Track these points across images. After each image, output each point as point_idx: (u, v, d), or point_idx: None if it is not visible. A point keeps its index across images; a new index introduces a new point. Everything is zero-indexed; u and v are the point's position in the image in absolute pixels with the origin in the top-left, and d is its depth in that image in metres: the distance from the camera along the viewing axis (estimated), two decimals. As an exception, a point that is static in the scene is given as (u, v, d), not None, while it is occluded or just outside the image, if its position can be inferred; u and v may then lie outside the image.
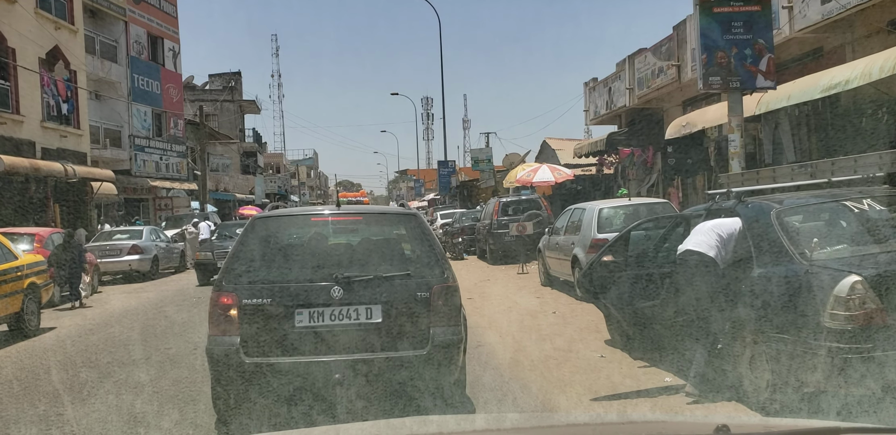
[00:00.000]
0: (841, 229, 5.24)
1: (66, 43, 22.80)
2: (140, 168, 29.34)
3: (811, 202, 5.50)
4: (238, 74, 51.41)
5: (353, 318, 4.86)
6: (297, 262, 5.32)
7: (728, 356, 5.44)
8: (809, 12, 11.76)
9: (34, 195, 20.41)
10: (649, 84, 19.29)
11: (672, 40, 17.75)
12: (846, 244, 5.04)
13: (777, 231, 4.99)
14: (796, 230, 5.10)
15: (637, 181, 21.75)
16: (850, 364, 4.36)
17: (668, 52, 18.01)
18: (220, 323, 4.87)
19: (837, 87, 9.61)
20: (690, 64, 16.64)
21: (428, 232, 5.39)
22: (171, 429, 5.23)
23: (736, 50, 9.36)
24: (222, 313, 4.87)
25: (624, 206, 11.65)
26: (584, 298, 8.32)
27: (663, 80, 18.36)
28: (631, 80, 20.66)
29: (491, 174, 34.81)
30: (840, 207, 5.25)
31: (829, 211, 5.35)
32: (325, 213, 5.90)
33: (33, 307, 10.18)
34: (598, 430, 2.18)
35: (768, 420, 2.79)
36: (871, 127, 10.64)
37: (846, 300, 4.37)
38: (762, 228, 5.16)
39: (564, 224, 12.68)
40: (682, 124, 15.56)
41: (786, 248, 4.87)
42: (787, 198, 5.55)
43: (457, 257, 21.67)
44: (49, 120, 21.81)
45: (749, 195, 5.91)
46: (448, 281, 5.03)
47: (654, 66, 18.90)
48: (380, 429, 2.27)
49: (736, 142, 9.30)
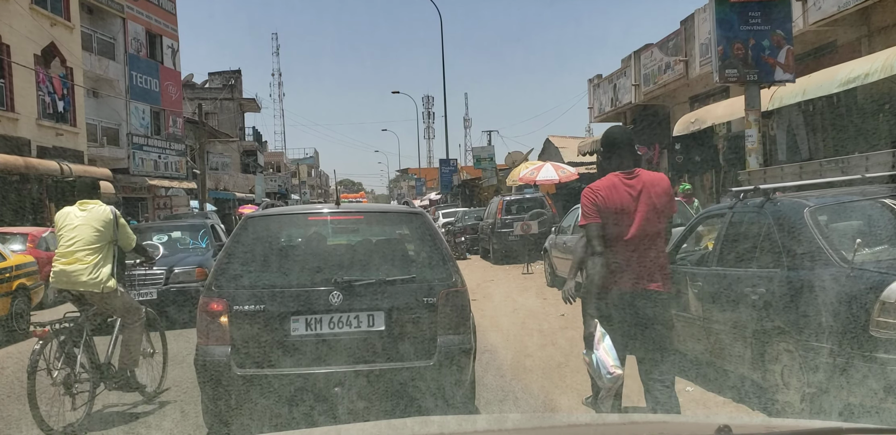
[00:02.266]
0: (880, 229, 4.87)
1: (63, 40, 22.45)
2: (138, 167, 28.98)
3: (846, 200, 5.10)
4: (238, 73, 51.05)
5: (354, 325, 4.50)
6: (294, 264, 4.95)
7: (734, 359, 5.15)
8: (825, 4, 11.40)
9: (30, 194, 20.09)
10: (656, 80, 18.93)
11: (679, 35, 17.39)
12: (887, 245, 4.66)
13: (812, 231, 4.63)
14: (833, 230, 4.75)
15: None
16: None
17: (676, 47, 17.64)
18: (210, 331, 4.49)
19: (857, 81, 9.25)
20: (699, 59, 16.28)
21: (434, 232, 5.01)
22: (172, 429, 5.14)
23: (753, 41, 8.97)
24: (212, 321, 4.48)
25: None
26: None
27: (670, 76, 17.99)
28: (637, 77, 20.29)
29: (493, 173, 34.49)
30: (877, 206, 4.85)
31: (865, 210, 4.95)
32: (323, 212, 5.46)
33: (23, 309, 9.89)
34: (599, 430, 2.12)
35: (770, 420, 2.74)
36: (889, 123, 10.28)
37: (895, 306, 3.98)
38: (794, 227, 4.79)
39: (572, 223, 12.33)
40: (690, 121, 15.21)
41: (823, 249, 4.50)
42: (817, 196, 5.20)
43: (459, 257, 21.37)
44: (45, 118, 21.48)
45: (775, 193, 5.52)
46: (456, 285, 4.66)
47: (661, 61, 18.54)
48: (381, 429, 2.20)
49: (753, 137, 8.92)
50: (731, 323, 5.20)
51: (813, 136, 12.01)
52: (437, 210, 33.49)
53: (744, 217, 5.55)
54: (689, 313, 5.80)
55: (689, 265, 6.07)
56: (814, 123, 12.22)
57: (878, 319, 4.02)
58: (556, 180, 23.54)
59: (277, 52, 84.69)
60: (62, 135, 22.40)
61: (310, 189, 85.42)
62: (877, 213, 4.88)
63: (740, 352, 5.09)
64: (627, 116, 23.26)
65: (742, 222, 5.57)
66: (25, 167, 18.92)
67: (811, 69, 11.27)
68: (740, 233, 5.55)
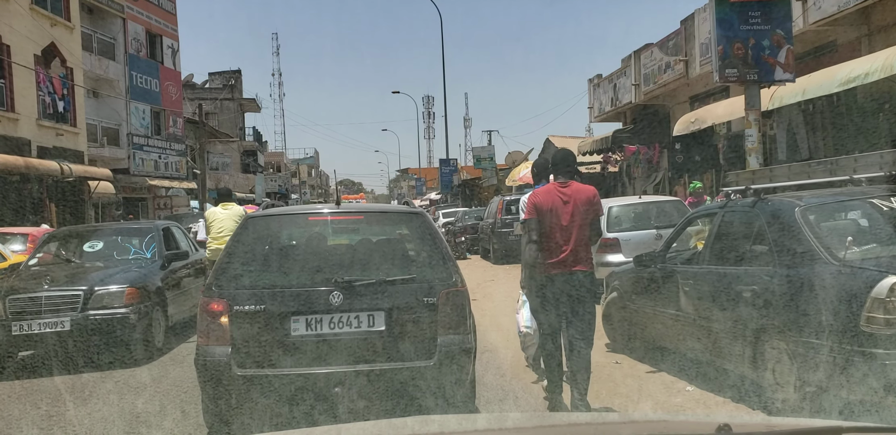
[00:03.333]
0: (869, 228, 5.01)
1: (63, 40, 22.43)
2: (138, 167, 28.98)
3: (835, 200, 5.27)
4: (238, 73, 51.01)
5: (354, 325, 4.51)
6: (294, 264, 4.98)
7: (732, 358, 5.23)
8: (825, 4, 11.39)
9: (30, 195, 20.09)
10: (656, 80, 18.93)
11: (679, 35, 17.39)
12: (876, 244, 4.79)
13: (803, 230, 4.75)
14: (824, 229, 4.87)
15: (642, 179, 21.41)
16: (892, 371, 4.06)
17: (676, 47, 17.64)
18: (210, 331, 4.52)
19: (856, 81, 9.24)
20: (699, 59, 16.28)
21: (434, 231, 5.06)
22: (172, 429, 5.14)
23: (753, 41, 8.96)
24: (212, 321, 4.51)
25: (635, 204, 11.29)
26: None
27: (670, 76, 18.00)
28: (637, 76, 20.29)
29: (493, 172, 34.50)
30: (866, 205, 5.00)
31: (854, 209, 5.12)
32: (323, 212, 5.49)
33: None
34: (599, 429, 2.14)
35: (770, 419, 2.79)
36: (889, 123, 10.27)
37: (885, 302, 4.10)
38: (786, 226, 4.93)
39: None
40: (690, 121, 15.21)
41: (814, 247, 4.63)
42: (808, 196, 5.32)
43: (460, 257, 21.36)
44: (45, 118, 21.46)
45: (767, 193, 5.65)
46: (457, 285, 4.68)
47: (661, 61, 18.54)
48: (381, 429, 2.21)
49: (753, 137, 8.91)
50: (725, 320, 5.28)
51: (813, 135, 12.00)
52: (437, 210, 33.49)
53: (735, 216, 5.65)
54: (682, 311, 5.88)
55: (679, 264, 6.19)
56: (814, 123, 12.22)
57: (869, 314, 4.13)
58: (557, 180, 23.50)
59: (277, 51, 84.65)
60: (62, 135, 22.38)
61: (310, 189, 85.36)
62: (866, 213, 5.03)
63: (734, 349, 5.17)
64: (627, 116, 23.26)
65: (734, 222, 5.67)
66: (26, 167, 18.89)
67: (811, 69, 11.27)
68: (732, 232, 5.65)
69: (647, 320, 6.54)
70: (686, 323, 5.83)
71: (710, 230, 5.89)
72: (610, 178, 25.03)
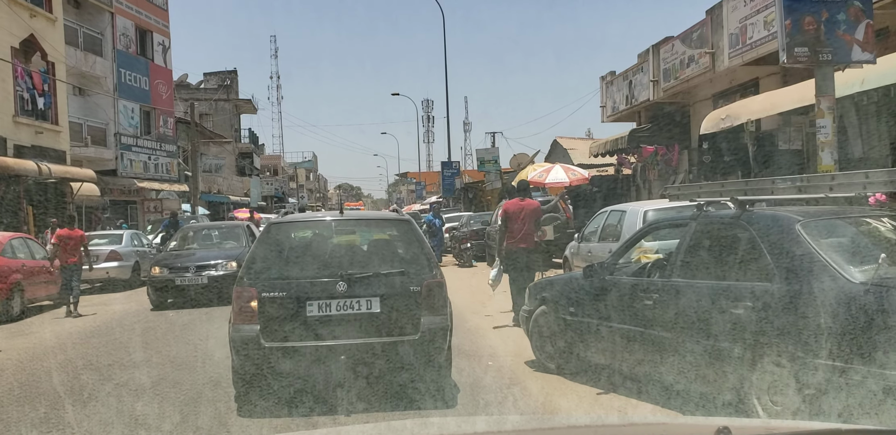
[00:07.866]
0: (873, 246, 4.79)
1: (43, 32, 21.14)
2: (126, 168, 27.66)
3: (831, 216, 5.05)
4: (234, 73, 49.78)
5: (356, 308, 5.62)
6: (308, 260, 6.06)
7: (708, 379, 4.96)
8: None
9: (4, 196, 18.75)
10: (677, 75, 17.63)
11: (705, 26, 16.07)
12: (882, 262, 4.39)
13: (810, 245, 4.52)
14: (833, 245, 4.67)
15: (660, 182, 20.10)
16: None
17: (701, 39, 16.33)
18: (243, 312, 5.61)
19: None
20: (727, 51, 14.98)
21: (419, 235, 6.22)
22: (171, 431, 5.30)
23: (827, 15, 7.57)
24: (245, 305, 5.61)
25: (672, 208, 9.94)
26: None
27: (694, 70, 16.68)
28: (656, 72, 18.97)
29: (497, 175, 33.12)
30: (861, 223, 4.94)
31: (852, 226, 4.98)
32: (330, 219, 6.57)
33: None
34: (598, 432, 2.17)
35: (770, 422, 2.89)
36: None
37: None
38: (786, 241, 4.68)
39: (598, 229, 11.01)
40: (720, 117, 13.91)
41: (826, 264, 4.38)
42: (797, 210, 5.10)
43: (465, 265, 20.01)
44: (23, 114, 20.18)
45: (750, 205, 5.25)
46: (437, 277, 5.83)
47: (684, 54, 17.24)
48: (381, 431, 2.24)
49: (827, 128, 7.54)
50: (705, 337, 4.90)
51: (867, 130, 10.65)
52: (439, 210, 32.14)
53: (711, 227, 5.44)
54: (643, 327, 5.42)
55: (627, 276, 5.95)
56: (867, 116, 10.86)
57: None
58: (567, 183, 22.20)
59: (276, 54, 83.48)
60: (42, 133, 21.07)
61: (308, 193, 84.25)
62: (865, 230, 4.92)
63: (712, 369, 4.85)
64: (642, 115, 21.95)
65: (711, 233, 5.44)
66: (0, 167, 17.62)
67: (889, 50, 9.75)
68: (709, 244, 5.42)
69: (593, 337, 6.06)
70: (647, 340, 5.43)
71: (680, 241, 5.59)
72: (623, 181, 23.71)
